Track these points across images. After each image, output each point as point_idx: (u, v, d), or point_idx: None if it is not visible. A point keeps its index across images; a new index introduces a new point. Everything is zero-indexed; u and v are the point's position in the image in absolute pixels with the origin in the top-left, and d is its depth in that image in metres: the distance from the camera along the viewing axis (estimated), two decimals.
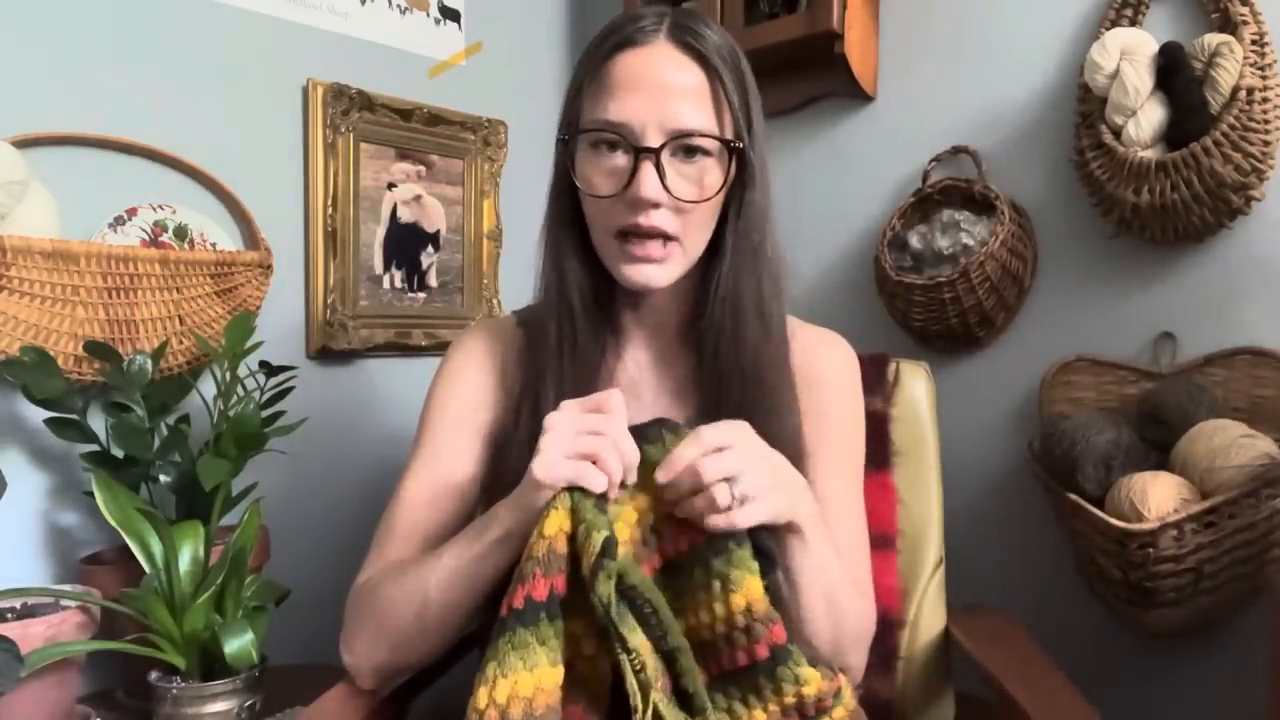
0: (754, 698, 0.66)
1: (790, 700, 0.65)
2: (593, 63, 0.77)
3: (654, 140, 0.73)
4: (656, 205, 0.74)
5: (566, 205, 0.82)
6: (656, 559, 0.70)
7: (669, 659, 0.65)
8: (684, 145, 0.74)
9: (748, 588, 0.65)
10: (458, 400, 0.88)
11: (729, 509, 0.64)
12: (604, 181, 0.76)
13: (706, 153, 0.76)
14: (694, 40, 0.75)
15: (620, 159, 0.75)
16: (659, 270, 0.77)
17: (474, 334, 0.93)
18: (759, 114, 0.80)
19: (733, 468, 0.65)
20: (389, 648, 0.77)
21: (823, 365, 0.88)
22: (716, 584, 0.65)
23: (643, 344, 0.88)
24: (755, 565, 0.66)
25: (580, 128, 0.77)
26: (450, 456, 0.85)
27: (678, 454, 0.66)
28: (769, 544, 0.68)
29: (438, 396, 0.90)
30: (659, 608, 0.64)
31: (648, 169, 0.73)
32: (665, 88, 0.74)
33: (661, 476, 0.66)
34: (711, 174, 0.76)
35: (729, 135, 0.76)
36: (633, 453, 0.66)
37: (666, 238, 0.76)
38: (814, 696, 0.65)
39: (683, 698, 0.65)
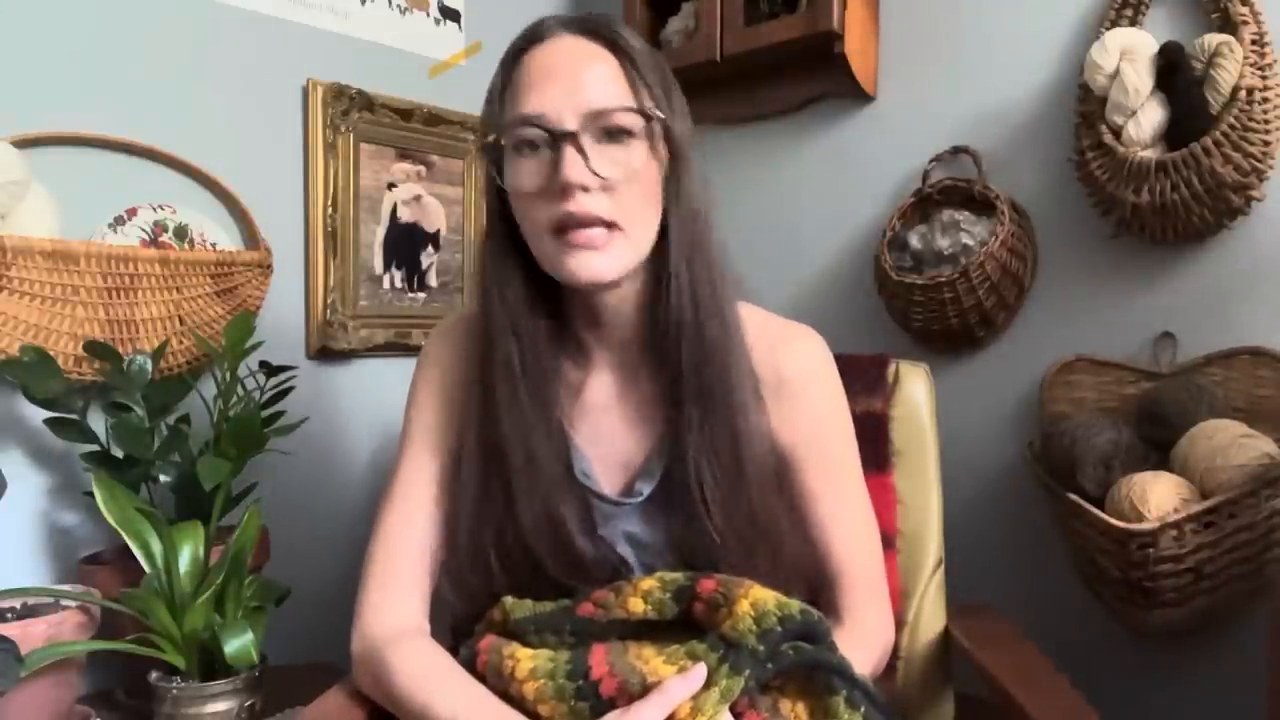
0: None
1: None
2: (502, 71, 0.78)
3: (570, 124, 0.72)
4: (585, 188, 0.73)
5: (503, 230, 0.80)
6: None
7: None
8: (605, 127, 0.73)
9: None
10: (429, 420, 0.87)
11: None
12: (529, 179, 0.74)
13: (630, 133, 0.74)
14: (599, 28, 0.76)
15: (543, 152, 0.74)
16: (604, 259, 0.74)
17: (436, 343, 0.91)
18: (682, 107, 0.80)
19: None
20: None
21: (793, 364, 0.85)
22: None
23: (607, 366, 0.85)
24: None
25: (499, 131, 0.76)
26: (428, 479, 0.84)
27: None
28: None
29: (411, 420, 0.88)
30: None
31: (569, 152, 0.72)
32: (576, 73, 0.74)
33: None
34: (639, 153, 0.75)
35: (646, 106, 0.75)
36: None
37: (606, 225, 0.74)
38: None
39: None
